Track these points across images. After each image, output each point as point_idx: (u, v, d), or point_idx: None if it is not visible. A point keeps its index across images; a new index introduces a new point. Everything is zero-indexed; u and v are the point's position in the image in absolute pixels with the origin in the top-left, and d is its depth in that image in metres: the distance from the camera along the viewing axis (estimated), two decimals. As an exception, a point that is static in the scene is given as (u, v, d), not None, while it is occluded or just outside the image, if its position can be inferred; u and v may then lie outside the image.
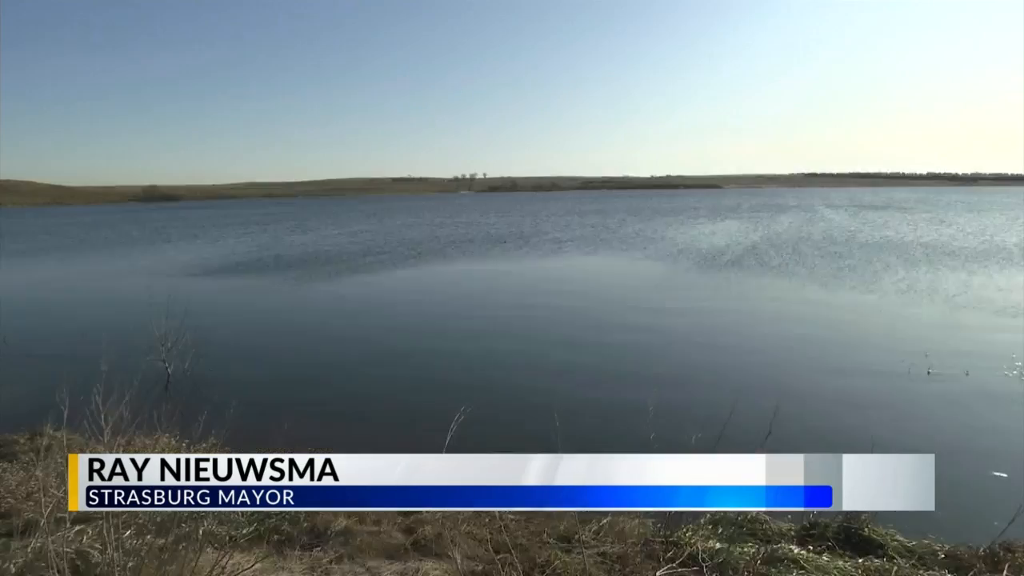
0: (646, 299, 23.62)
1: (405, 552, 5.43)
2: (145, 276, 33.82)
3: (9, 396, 13.47)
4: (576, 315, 21.18)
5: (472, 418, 6.70)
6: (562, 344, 17.18)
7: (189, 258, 43.28)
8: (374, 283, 30.14)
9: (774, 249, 39.96)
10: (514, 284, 29.23)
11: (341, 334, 19.34)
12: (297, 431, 9.09)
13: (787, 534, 6.36)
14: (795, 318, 19.99)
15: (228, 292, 28.14)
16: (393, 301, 25.25)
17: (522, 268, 34.61)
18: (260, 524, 5.83)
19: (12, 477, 8.13)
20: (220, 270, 36.01)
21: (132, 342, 14.87)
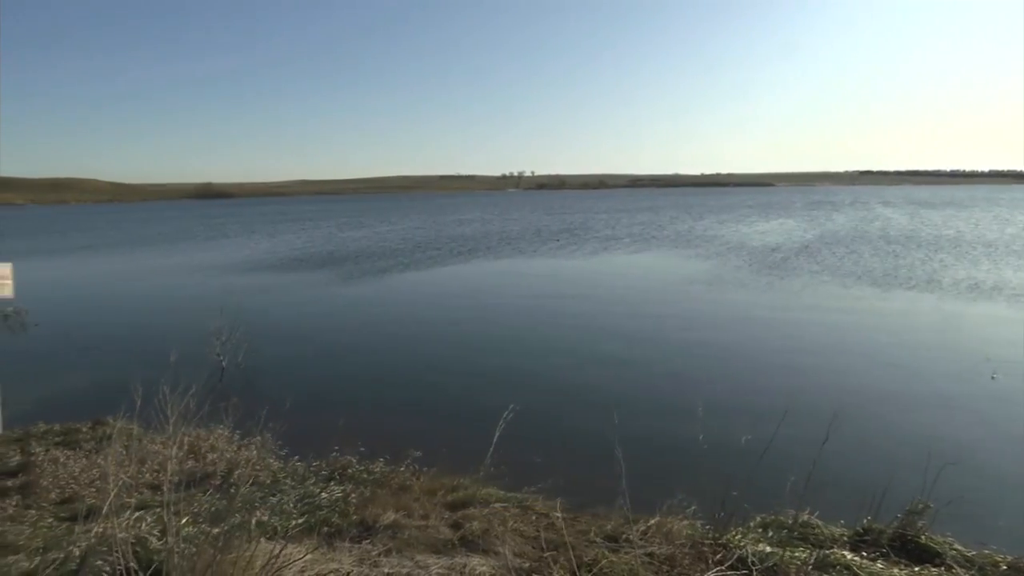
0: (696, 298, 23.34)
1: (452, 547, 5.47)
2: (203, 271, 34.72)
3: (72, 386, 13.94)
4: (626, 312, 21.06)
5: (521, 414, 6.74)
6: (613, 341, 17.08)
7: (247, 253, 44.22)
8: (426, 279, 30.38)
9: (828, 248, 39.15)
10: (564, 281, 29.14)
11: (392, 329, 19.55)
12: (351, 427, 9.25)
13: (839, 539, 6.23)
14: (850, 318, 19.55)
15: (282, 287, 28.64)
16: (444, 297, 25.42)
17: (573, 265, 34.54)
18: (310, 516, 5.93)
19: (76, 464, 8.41)
20: (276, 265, 36.70)
21: (190, 335, 15.24)
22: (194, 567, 3.73)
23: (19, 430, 10.14)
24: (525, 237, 52.71)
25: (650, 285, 26.86)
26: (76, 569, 4.45)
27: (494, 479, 7.27)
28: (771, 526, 6.30)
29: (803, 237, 47.08)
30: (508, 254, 40.17)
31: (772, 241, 44.51)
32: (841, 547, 5.92)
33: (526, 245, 45.77)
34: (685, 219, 72.23)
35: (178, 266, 37.74)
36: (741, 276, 28.30)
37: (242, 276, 32.34)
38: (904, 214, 74.07)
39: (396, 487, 7.22)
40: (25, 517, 6.80)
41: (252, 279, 31.21)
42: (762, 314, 20.45)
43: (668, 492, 6.36)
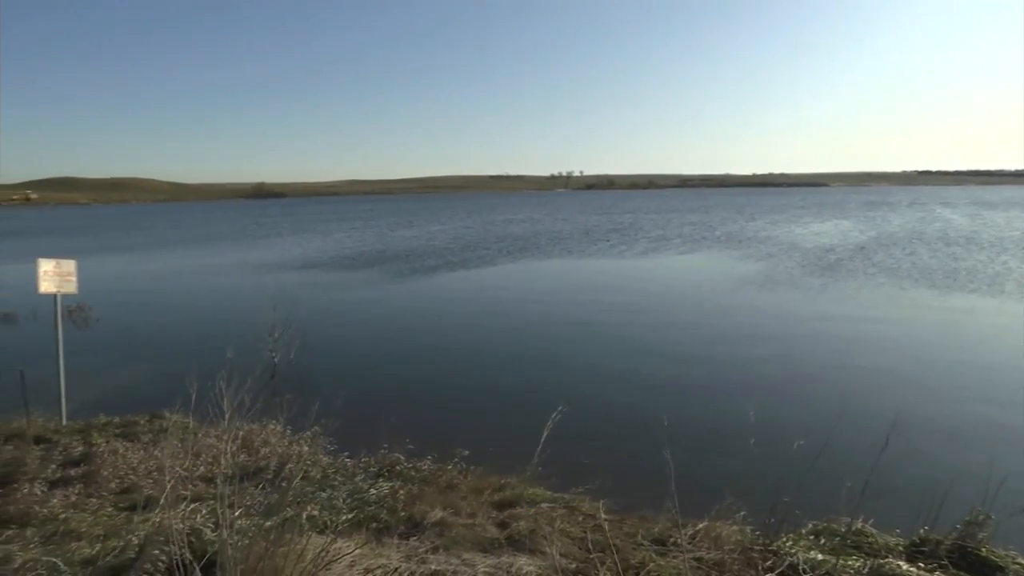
0: (748, 299, 22.99)
1: (499, 546, 5.48)
2: (257, 269, 35.46)
3: (131, 380, 14.37)
4: (676, 313, 20.88)
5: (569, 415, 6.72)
6: (663, 342, 16.96)
7: (300, 252, 45.01)
8: (476, 278, 30.52)
9: (884, 249, 38.20)
10: (614, 281, 28.98)
11: (442, 328, 19.69)
12: (399, 424, 9.35)
13: (895, 549, 6.06)
14: (908, 321, 19.04)
15: (333, 285, 29.06)
16: (494, 297, 25.49)
17: (623, 265, 34.35)
18: (359, 512, 6.01)
19: (134, 455, 8.65)
20: (327, 264, 37.30)
21: (244, 332, 15.57)
22: (246, 559, 3.80)
23: (81, 421, 10.48)
24: (574, 237, 52.57)
25: (701, 286, 26.53)
26: (135, 558, 4.58)
27: (541, 479, 7.27)
28: (823, 533, 6.16)
29: (858, 238, 46.01)
30: (558, 254, 40.12)
31: (826, 242, 43.61)
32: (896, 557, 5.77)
33: (575, 245, 45.65)
34: (736, 219, 71.23)
35: (233, 264, 38.60)
36: (794, 277, 27.80)
37: (295, 274, 32.93)
38: (965, 215, 71.83)
39: (443, 485, 7.26)
40: (87, 505, 7.02)
41: (304, 277, 31.77)
42: (816, 316, 20.05)
43: (717, 496, 6.27)
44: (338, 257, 40.98)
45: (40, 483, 7.69)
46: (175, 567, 3.88)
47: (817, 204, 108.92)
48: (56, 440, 9.37)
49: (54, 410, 10.67)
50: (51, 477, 7.96)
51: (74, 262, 11.26)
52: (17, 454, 8.61)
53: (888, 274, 28.34)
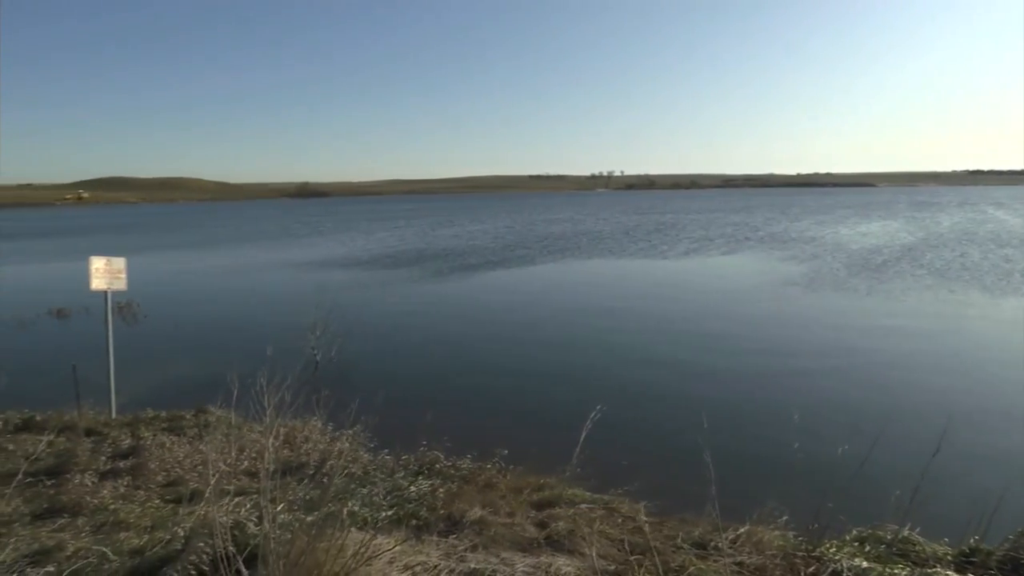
0: (792, 300, 22.64)
1: (538, 546, 5.47)
2: (300, 267, 35.98)
3: (177, 375, 14.67)
4: (718, 314, 20.64)
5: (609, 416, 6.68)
6: (704, 343, 16.79)
7: (342, 250, 45.56)
8: (516, 278, 30.57)
9: (933, 250, 37.31)
10: (655, 282, 28.81)
11: (482, 327, 19.76)
12: (439, 422, 9.40)
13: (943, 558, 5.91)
14: (959, 324, 18.56)
15: (375, 283, 29.35)
16: (534, 296, 25.50)
17: (664, 266, 34.10)
18: (399, 508, 6.05)
19: (180, 449, 8.84)
20: (369, 262, 37.69)
21: (287, 329, 15.80)
22: (288, 553, 3.85)
23: (130, 415, 10.74)
24: (615, 237, 52.33)
25: (744, 287, 26.21)
26: (180, 549, 4.68)
27: (580, 480, 7.24)
28: (868, 540, 6.02)
29: (906, 239, 45.01)
30: (598, 254, 39.98)
31: (873, 243, 42.74)
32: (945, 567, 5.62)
33: (616, 245, 45.43)
34: (780, 220, 70.19)
35: (277, 262, 39.20)
36: (839, 279, 27.29)
37: (337, 272, 33.33)
38: (1018, 216, 69.79)
39: (482, 484, 7.28)
40: (135, 497, 7.19)
41: (346, 275, 32.13)
42: (862, 318, 19.66)
43: (759, 500, 6.19)
44: (380, 256, 41.38)
45: (91, 474, 7.89)
46: (219, 560, 3.94)
47: (863, 204, 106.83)
48: (106, 433, 9.62)
49: (104, 403, 10.95)
50: (101, 468, 8.17)
51: (124, 260, 11.53)
52: (69, 445, 8.86)
53: (937, 276, 27.68)
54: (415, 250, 44.35)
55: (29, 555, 5.02)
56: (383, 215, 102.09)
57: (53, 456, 8.42)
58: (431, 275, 31.60)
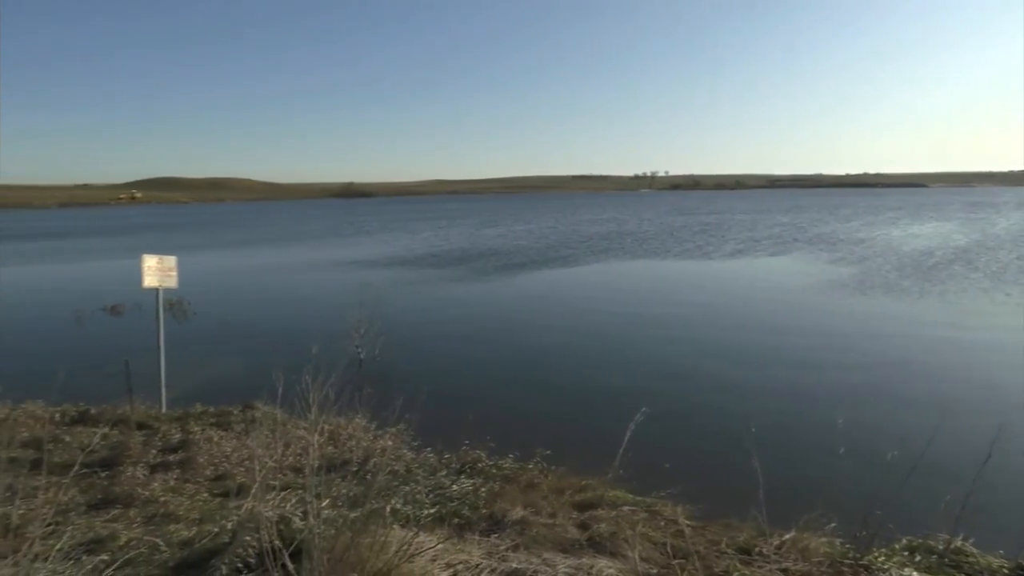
0: (840, 303, 22.19)
1: (580, 547, 5.45)
2: (345, 266, 36.43)
3: (225, 372, 14.96)
4: (765, 316, 20.35)
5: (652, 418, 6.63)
6: (750, 346, 16.55)
7: (387, 250, 45.99)
8: (559, 278, 30.51)
9: (989, 252, 36.24)
10: (700, 283, 28.48)
11: (525, 327, 19.77)
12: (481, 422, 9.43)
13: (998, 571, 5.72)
14: (1014, 329, 17.98)
15: (419, 282, 29.56)
16: (578, 297, 25.41)
17: (709, 267, 33.70)
18: (441, 507, 6.08)
19: (228, 444, 9.01)
20: (413, 261, 38.00)
21: (331, 327, 15.99)
22: (332, 548, 3.90)
23: (180, 410, 10.99)
24: (659, 237, 51.94)
25: (791, 289, 25.78)
26: (228, 542, 4.77)
27: (622, 482, 7.20)
28: (919, 550, 5.87)
29: (961, 241, 43.80)
30: (642, 255, 39.71)
31: (925, 245, 41.68)
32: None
33: (660, 246, 45.09)
34: (829, 221, 68.87)
35: (324, 261, 39.75)
36: (890, 281, 26.67)
37: (381, 271, 33.65)
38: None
39: (524, 484, 7.28)
40: (184, 490, 7.35)
41: (390, 274, 32.43)
42: (913, 322, 19.19)
43: (805, 506, 6.07)
44: (424, 255, 41.68)
45: (142, 467, 8.10)
46: (265, 553, 4.01)
47: (915, 205, 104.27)
48: (157, 427, 9.85)
49: (155, 398, 11.21)
50: (152, 461, 8.38)
51: (175, 258, 11.80)
52: (122, 438, 9.09)
53: (993, 279, 26.87)
54: (459, 250, 44.57)
55: (85, 543, 5.17)
56: (427, 215, 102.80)
57: (107, 448, 8.65)
58: (475, 275, 31.71)
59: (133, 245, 51.68)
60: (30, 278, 36.06)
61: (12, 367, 14.98)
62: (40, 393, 10.41)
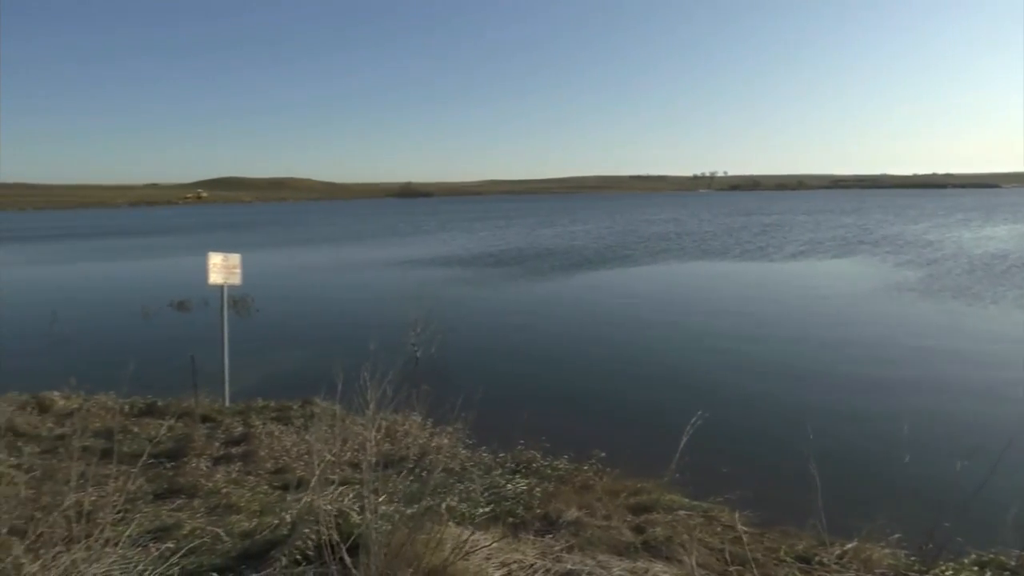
0: (907, 307, 21.52)
1: (635, 550, 5.40)
2: (404, 264, 36.88)
3: (285, 367, 15.27)
4: (826, 320, 19.86)
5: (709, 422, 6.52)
6: (811, 350, 16.19)
7: (445, 249, 46.37)
8: (616, 279, 30.33)
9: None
10: (760, 285, 27.96)
11: (581, 328, 19.69)
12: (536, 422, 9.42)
13: (1075, 589, 5.49)
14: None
15: (475, 281, 29.72)
16: (635, 298, 25.18)
17: (770, 268, 33.04)
18: (496, 506, 6.09)
19: (287, 438, 9.20)
20: (470, 261, 38.24)
21: (389, 324, 16.20)
22: (389, 543, 3.94)
23: (242, 404, 11.25)
24: (719, 238, 51.22)
25: (855, 292, 25.10)
26: (287, 535, 4.86)
27: (678, 485, 7.11)
28: (989, 566, 5.65)
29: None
30: (701, 256, 39.17)
31: (999, 248, 40.11)
32: (1078, 599, 5.23)
33: (720, 247, 44.43)
34: (895, 222, 66.86)
35: (382, 260, 40.28)
36: (960, 285, 25.75)
37: (439, 270, 33.96)
38: None
39: (579, 485, 7.25)
40: (245, 482, 7.53)
41: (448, 273, 32.71)
42: (984, 328, 18.49)
43: (867, 516, 5.92)
44: (481, 254, 41.90)
45: (206, 458, 8.33)
46: (324, 546, 4.08)
47: (988, 207, 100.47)
48: (220, 420, 10.12)
49: (219, 392, 11.51)
50: (215, 454, 8.61)
51: (239, 256, 12.10)
52: (187, 431, 9.37)
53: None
54: (516, 249, 44.67)
55: (152, 531, 5.34)
56: (484, 215, 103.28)
57: (173, 440, 8.92)
58: (532, 274, 31.73)
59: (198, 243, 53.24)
60: (103, 275, 37.49)
61: (85, 360, 15.58)
62: (110, 385, 10.75)
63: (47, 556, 3.89)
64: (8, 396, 11.22)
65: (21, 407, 10.64)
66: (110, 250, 52.98)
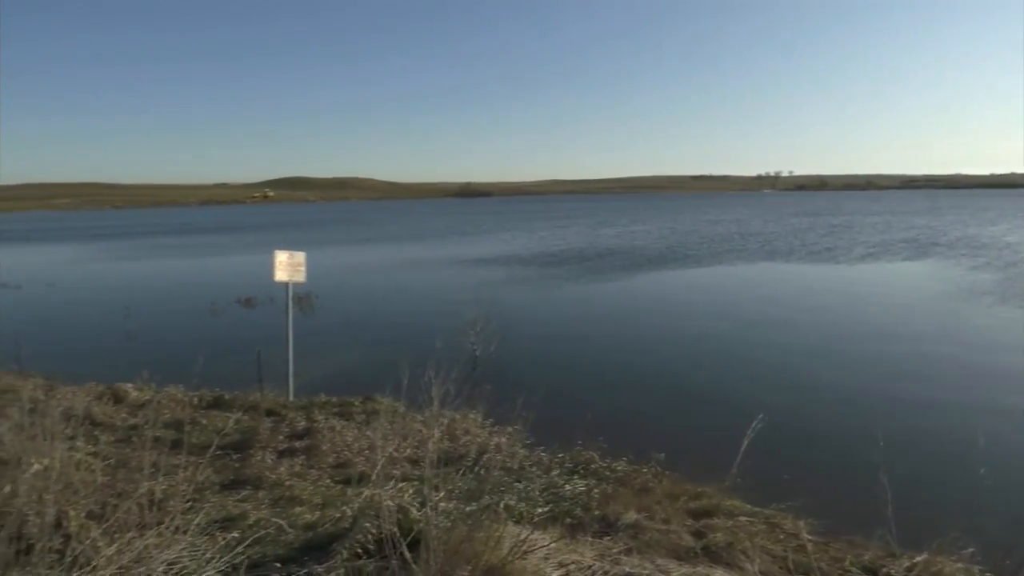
0: (983, 313, 20.68)
1: (694, 556, 5.34)
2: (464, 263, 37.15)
3: (347, 364, 15.53)
4: (898, 325, 19.23)
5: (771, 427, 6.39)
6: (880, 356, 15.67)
7: (505, 248, 46.56)
8: (678, 280, 29.93)
9: None
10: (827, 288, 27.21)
11: (641, 330, 19.50)
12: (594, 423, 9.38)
13: None
14: None
15: (535, 281, 29.71)
16: (698, 299, 24.85)
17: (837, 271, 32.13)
18: (554, 506, 6.09)
19: (349, 433, 9.35)
20: (530, 260, 38.24)
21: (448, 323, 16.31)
22: (448, 540, 3.98)
23: (305, 399, 11.49)
24: (783, 238, 50.19)
25: (929, 295, 24.25)
26: (348, 528, 4.95)
27: (739, 491, 6.98)
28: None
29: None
30: (765, 257, 38.35)
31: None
32: None
33: (785, 247, 43.51)
34: (971, 223, 64.34)
35: (443, 258, 40.66)
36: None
37: (499, 269, 34.08)
38: None
39: (638, 487, 7.19)
40: (308, 475, 7.69)
41: (508, 272, 32.79)
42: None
43: (938, 529, 5.72)
44: (541, 254, 41.92)
45: (270, 451, 8.53)
46: (384, 541, 4.14)
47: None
48: (284, 414, 10.35)
49: (283, 387, 11.78)
50: (279, 447, 8.81)
51: (304, 254, 12.36)
52: (252, 424, 9.61)
53: None
54: (577, 249, 44.53)
55: (219, 520, 5.49)
56: (544, 214, 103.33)
57: (239, 432, 9.16)
58: (592, 275, 31.58)
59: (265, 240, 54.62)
60: (174, 271, 38.78)
61: (156, 354, 16.12)
62: (180, 378, 11.10)
63: (122, 540, 4.04)
64: (87, 387, 11.71)
65: (98, 397, 11.08)
66: (181, 247, 54.84)
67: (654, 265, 34.65)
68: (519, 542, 4.15)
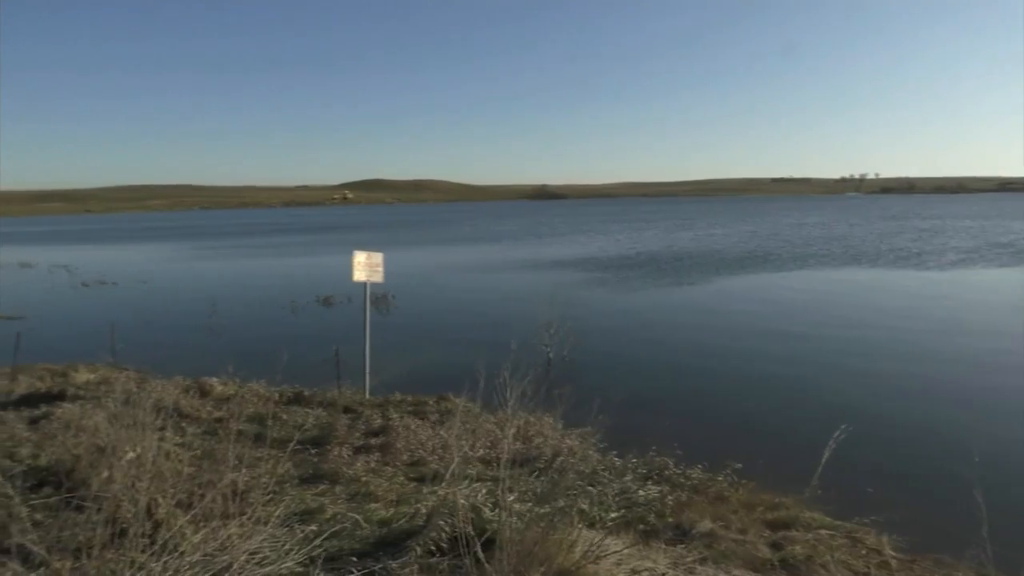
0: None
1: (771, 568, 5.20)
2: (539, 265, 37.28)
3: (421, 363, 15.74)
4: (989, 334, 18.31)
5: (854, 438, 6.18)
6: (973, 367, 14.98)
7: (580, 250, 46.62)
8: (757, 285, 29.26)
9: None
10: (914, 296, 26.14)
11: (718, 335, 19.09)
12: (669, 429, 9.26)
13: None
14: None
15: (610, 283, 29.57)
16: (779, 305, 24.22)
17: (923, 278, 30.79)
18: (628, 512, 6.03)
19: (423, 432, 9.47)
20: (605, 263, 38.09)
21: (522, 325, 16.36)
22: (522, 541, 3.99)
23: (381, 397, 11.71)
24: (869, 241, 48.61)
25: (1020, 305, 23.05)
26: (422, 525, 5.02)
27: (819, 503, 6.77)
28: None
29: None
30: (850, 262, 37.08)
31: None
32: None
33: (870, 251, 42.08)
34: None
35: (519, 260, 40.92)
36: None
37: (575, 272, 34.04)
38: None
39: (713, 496, 7.07)
40: (383, 472, 7.82)
41: (583, 275, 32.72)
42: None
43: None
44: (616, 256, 41.68)
45: (347, 447, 8.72)
46: (458, 540, 4.18)
47: None
48: (360, 411, 10.57)
49: (359, 384, 12.03)
50: (356, 443, 8.99)
51: (382, 254, 12.60)
52: (330, 420, 9.85)
53: None
54: (652, 252, 44.09)
55: (298, 513, 5.65)
56: (620, 217, 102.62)
57: (317, 428, 9.40)
58: (668, 278, 31.20)
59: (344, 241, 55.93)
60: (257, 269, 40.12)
61: (240, 350, 16.67)
62: (262, 374, 11.47)
63: (207, 529, 4.20)
64: (175, 380, 12.22)
65: (185, 390, 11.55)
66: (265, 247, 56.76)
67: (733, 270, 33.96)
68: (592, 546, 4.13)
